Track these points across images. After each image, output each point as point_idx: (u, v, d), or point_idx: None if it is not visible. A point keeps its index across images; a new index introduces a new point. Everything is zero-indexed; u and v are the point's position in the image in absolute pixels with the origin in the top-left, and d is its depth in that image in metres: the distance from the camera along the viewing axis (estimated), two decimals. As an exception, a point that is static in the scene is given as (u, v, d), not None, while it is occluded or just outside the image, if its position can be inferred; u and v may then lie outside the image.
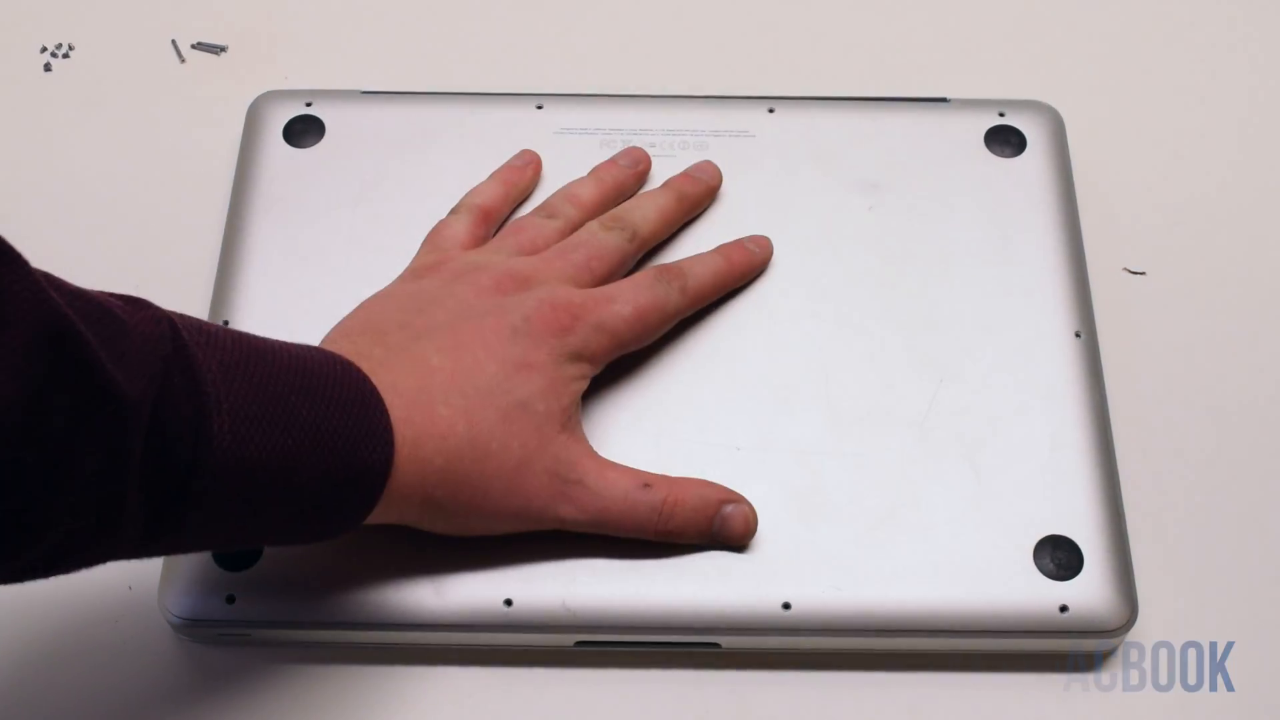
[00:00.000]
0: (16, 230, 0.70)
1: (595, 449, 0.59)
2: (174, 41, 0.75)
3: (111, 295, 0.47)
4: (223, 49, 0.75)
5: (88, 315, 0.45)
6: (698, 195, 0.65)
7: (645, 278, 0.61)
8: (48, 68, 0.75)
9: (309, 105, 0.68)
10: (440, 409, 0.54)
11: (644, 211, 0.63)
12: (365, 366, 0.53)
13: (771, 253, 0.64)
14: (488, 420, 0.55)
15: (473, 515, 0.55)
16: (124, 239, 0.69)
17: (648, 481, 0.57)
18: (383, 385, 0.53)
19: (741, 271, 0.63)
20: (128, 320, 0.46)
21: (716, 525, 0.57)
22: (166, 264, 0.68)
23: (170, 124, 0.73)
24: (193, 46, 0.75)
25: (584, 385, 0.58)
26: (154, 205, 0.70)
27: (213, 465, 0.47)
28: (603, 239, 0.61)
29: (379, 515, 0.53)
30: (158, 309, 0.48)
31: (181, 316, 0.49)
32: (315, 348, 0.53)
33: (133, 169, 0.71)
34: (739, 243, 0.64)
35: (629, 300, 0.59)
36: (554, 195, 0.65)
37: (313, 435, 0.49)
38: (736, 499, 0.58)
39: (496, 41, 0.76)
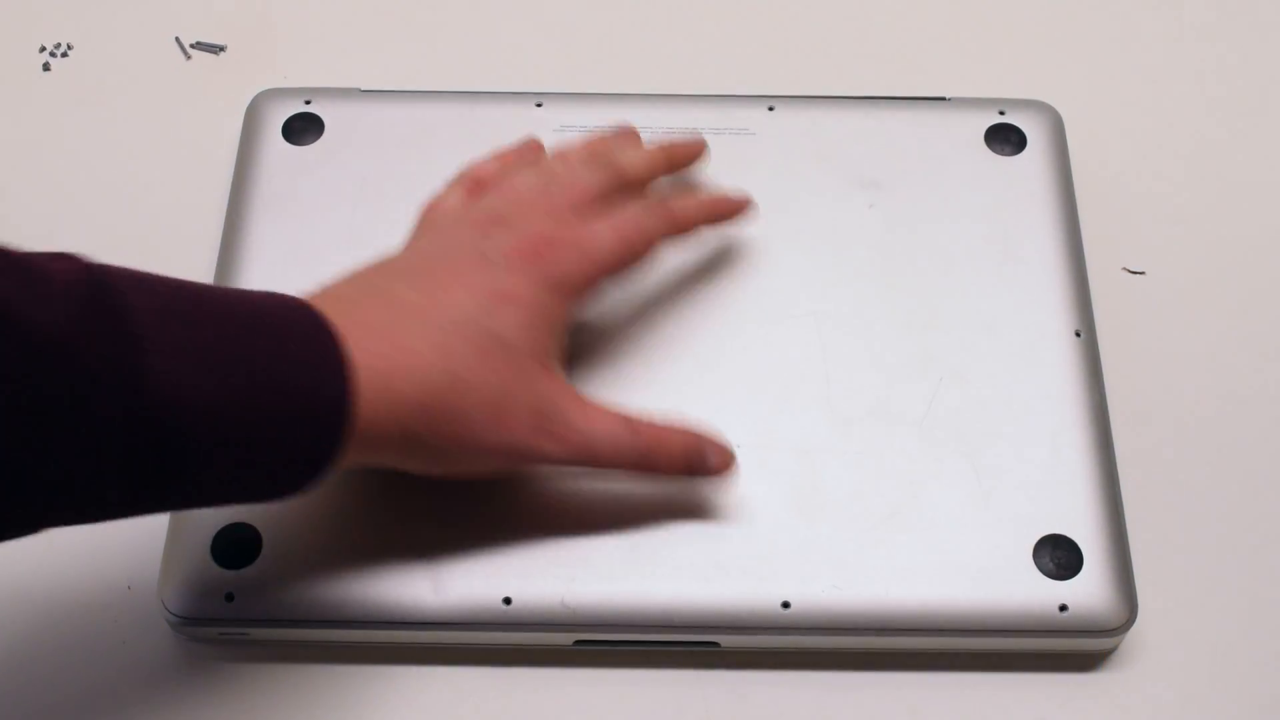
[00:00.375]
0: (15, 230, 0.70)
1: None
2: (178, 39, 0.75)
3: (40, 253, 0.46)
4: (221, 48, 0.75)
5: None
6: (684, 153, 0.64)
7: (625, 203, 0.59)
8: (46, 67, 0.75)
9: (308, 103, 0.68)
10: (413, 342, 0.53)
11: (627, 152, 0.62)
12: (337, 308, 0.51)
13: (749, 205, 0.63)
14: (463, 355, 0.53)
15: (455, 450, 0.54)
16: (123, 237, 0.69)
17: (630, 419, 0.57)
18: (352, 322, 0.51)
19: (723, 209, 0.63)
20: (46, 268, 0.45)
21: (695, 460, 0.57)
22: (165, 262, 0.68)
23: (169, 123, 0.73)
24: (192, 46, 0.75)
25: (564, 318, 0.57)
26: (153, 203, 0.70)
27: (151, 409, 0.45)
28: (583, 175, 0.60)
29: (357, 457, 0.51)
30: (86, 260, 0.47)
31: (118, 268, 0.48)
32: (265, 291, 0.51)
33: (131, 168, 0.71)
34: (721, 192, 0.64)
35: (607, 223, 0.58)
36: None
37: (259, 373, 0.48)
38: (718, 446, 0.58)
39: (496, 40, 0.76)
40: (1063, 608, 0.57)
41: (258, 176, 0.67)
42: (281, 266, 0.64)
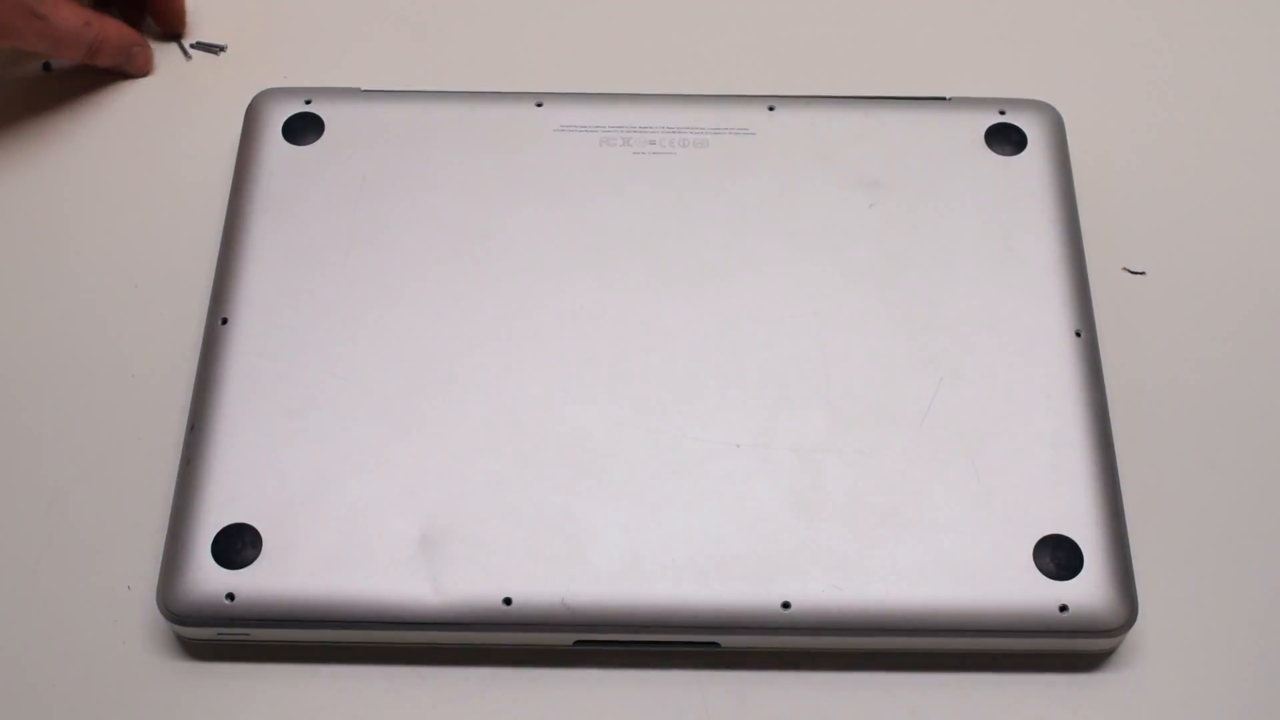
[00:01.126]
0: (15, 229, 0.70)
1: (594, 448, 0.59)
2: (179, 41, 0.75)
3: None
4: (222, 48, 0.75)
5: None
6: (113, 43, 0.73)
7: None
8: (47, 67, 0.74)
9: (308, 103, 0.68)
10: None
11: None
12: None
13: (138, 64, 0.74)
14: None
15: None
16: (123, 237, 0.69)
17: (89, 20, 0.70)
18: None
19: (102, 54, 0.73)
20: None
21: (123, 59, 0.73)
22: (166, 262, 0.68)
23: (169, 122, 0.73)
24: (192, 46, 0.75)
25: None
26: (153, 203, 0.70)
27: None
28: None
29: None
30: None
31: None
32: None
33: (132, 167, 0.71)
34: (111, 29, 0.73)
35: None
36: None
37: None
38: (143, 42, 0.74)
39: (496, 40, 0.76)
40: (1063, 608, 0.57)
41: (258, 176, 0.67)
42: (281, 266, 0.64)
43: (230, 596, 0.57)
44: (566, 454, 0.59)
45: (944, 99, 0.69)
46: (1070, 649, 0.59)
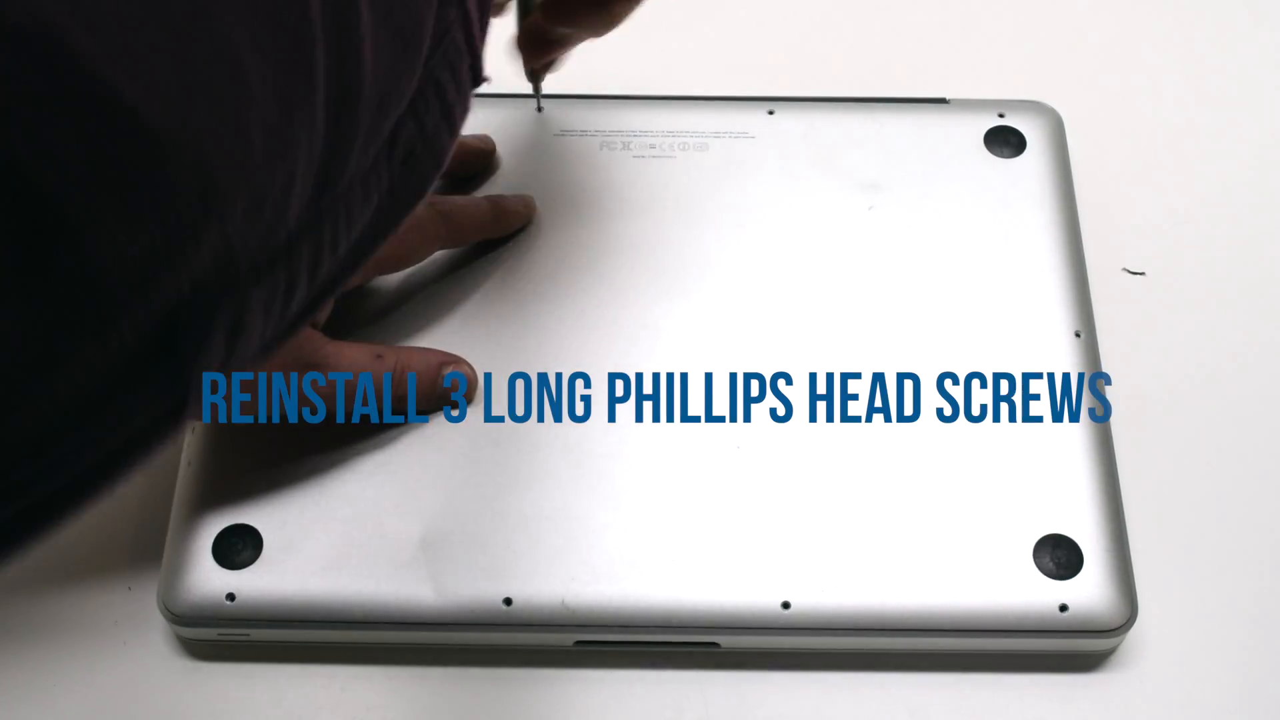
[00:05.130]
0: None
1: (594, 448, 0.59)
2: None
3: None
4: (224, 53, 0.75)
5: None
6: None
7: None
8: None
9: (309, 106, 0.68)
10: None
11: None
12: None
13: (534, 213, 0.65)
14: None
15: None
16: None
17: (380, 353, 0.59)
18: None
19: (505, 224, 0.65)
20: None
21: (440, 387, 0.60)
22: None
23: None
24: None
25: None
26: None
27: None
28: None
29: None
30: None
31: None
32: None
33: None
34: (506, 198, 0.65)
35: None
36: None
37: None
38: (458, 361, 0.60)
39: (496, 41, 0.76)
40: (1063, 608, 0.57)
41: (258, 179, 0.67)
42: (282, 268, 0.64)
43: (231, 597, 0.57)
44: (566, 454, 0.60)
45: (943, 101, 0.69)
46: (1070, 649, 0.59)
